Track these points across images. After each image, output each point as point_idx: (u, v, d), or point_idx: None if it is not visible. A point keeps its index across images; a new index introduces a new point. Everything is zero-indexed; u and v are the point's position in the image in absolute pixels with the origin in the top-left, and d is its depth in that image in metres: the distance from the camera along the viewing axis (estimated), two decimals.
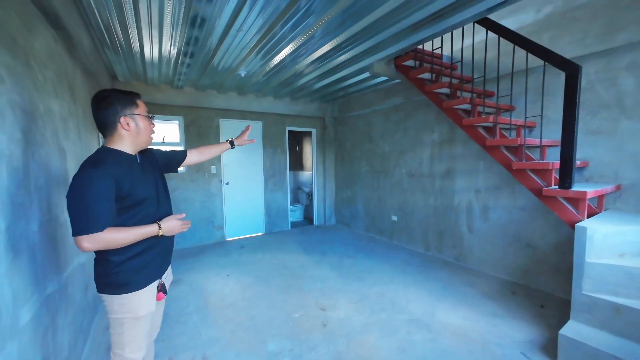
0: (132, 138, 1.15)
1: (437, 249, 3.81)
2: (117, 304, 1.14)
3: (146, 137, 1.20)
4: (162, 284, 1.27)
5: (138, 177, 1.15)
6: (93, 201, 0.99)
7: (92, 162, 1.05)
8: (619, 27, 2.23)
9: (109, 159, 1.07)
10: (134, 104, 1.15)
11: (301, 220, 6.24)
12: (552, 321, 2.24)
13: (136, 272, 1.15)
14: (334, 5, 1.95)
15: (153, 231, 1.14)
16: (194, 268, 3.52)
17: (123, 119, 1.11)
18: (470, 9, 2.08)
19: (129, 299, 1.14)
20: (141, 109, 1.17)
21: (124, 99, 1.12)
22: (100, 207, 1.00)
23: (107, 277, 1.12)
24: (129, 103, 1.13)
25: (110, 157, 1.09)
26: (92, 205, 0.99)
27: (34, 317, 1.28)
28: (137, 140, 1.17)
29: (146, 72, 3.41)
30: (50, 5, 1.57)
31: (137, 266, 1.15)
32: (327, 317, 2.39)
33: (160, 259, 1.26)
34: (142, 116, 1.16)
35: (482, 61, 2.84)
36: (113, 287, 1.13)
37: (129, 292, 1.14)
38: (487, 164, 3.17)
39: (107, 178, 1.02)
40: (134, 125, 1.14)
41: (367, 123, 4.86)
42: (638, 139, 2.23)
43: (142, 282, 1.18)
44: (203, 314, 2.47)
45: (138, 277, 1.16)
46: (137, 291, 1.15)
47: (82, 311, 2.02)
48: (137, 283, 1.16)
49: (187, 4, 1.94)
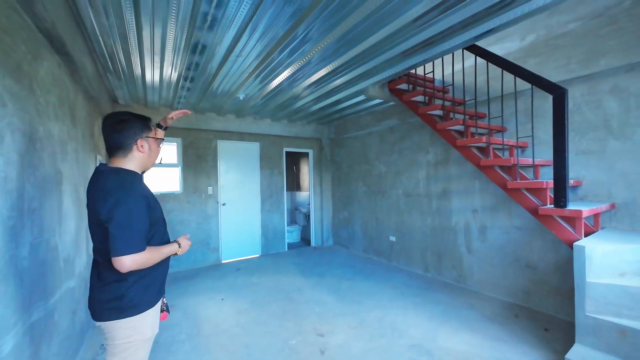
0: (144, 160, 1.20)
1: (437, 271, 3.75)
2: (126, 327, 1.10)
3: (155, 159, 1.27)
4: (166, 303, 1.28)
5: (153, 197, 1.19)
6: (136, 222, 1.04)
7: (124, 182, 1.08)
8: (599, 54, 2.36)
9: (136, 180, 1.13)
10: (149, 127, 1.21)
11: (298, 242, 6.14)
12: (557, 345, 2.17)
13: (146, 291, 1.14)
14: (330, 33, 2.05)
15: (174, 250, 1.20)
16: (188, 292, 3.41)
17: (140, 141, 1.15)
18: (459, 37, 2.20)
19: (139, 321, 1.12)
20: (153, 133, 1.24)
21: (140, 122, 1.18)
22: (142, 227, 1.06)
23: (118, 300, 1.09)
24: (145, 127, 1.19)
25: (136, 178, 1.15)
26: (135, 226, 1.03)
27: (15, 347, 1.21)
28: (146, 161, 1.22)
29: (147, 96, 3.49)
30: (56, 33, 1.63)
31: (147, 285, 1.15)
32: (325, 344, 2.30)
33: (163, 277, 1.26)
34: (154, 139, 1.23)
35: (472, 85, 2.96)
36: (123, 310, 1.09)
37: (140, 313, 1.12)
38: (482, 183, 3.20)
39: (143, 198, 1.09)
40: (147, 148, 1.19)
41: (363, 144, 4.94)
42: (627, 158, 2.28)
43: (151, 300, 1.17)
44: (195, 342, 2.36)
45: (148, 296, 1.15)
46: (146, 311, 1.14)
47: (68, 339, 1.92)
48: (147, 302, 1.15)
49: (188, 32, 2.03)
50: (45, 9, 1.41)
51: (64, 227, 1.95)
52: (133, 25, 1.92)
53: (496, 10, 1.88)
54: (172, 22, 1.90)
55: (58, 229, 1.84)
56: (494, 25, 2.03)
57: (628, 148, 2.27)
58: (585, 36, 2.43)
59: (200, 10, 1.78)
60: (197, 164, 4.53)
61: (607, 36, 2.31)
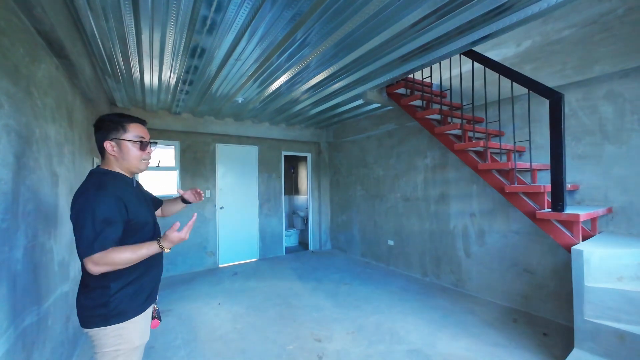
0: (119, 162, 1.14)
1: (435, 275, 3.73)
2: (113, 335, 1.06)
3: (133, 162, 1.16)
4: (157, 310, 1.24)
5: (137, 201, 1.16)
6: (97, 222, 0.99)
7: (97, 184, 1.06)
8: (594, 60, 2.39)
9: (110, 181, 1.09)
10: (122, 128, 1.12)
11: (296, 246, 6.11)
12: (556, 350, 2.15)
13: (133, 298, 1.11)
14: (328, 38, 2.07)
15: (154, 250, 1.09)
16: (184, 297, 3.37)
17: (107, 143, 1.11)
18: (456, 42, 2.22)
19: (126, 328, 1.08)
20: (129, 135, 1.13)
21: (112, 124, 1.12)
22: (105, 227, 1.00)
23: (103, 307, 1.05)
24: (116, 128, 1.12)
25: (110, 178, 1.10)
26: (94, 226, 0.99)
27: (6, 353, 1.19)
28: (123, 164, 1.15)
29: (145, 99, 3.48)
30: (55, 36, 1.63)
31: (134, 292, 1.11)
32: (322, 349, 2.27)
33: (154, 284, 1.23)
34: (127, 141, 1.13)
35: (470, 89, 2.98)
36: (109, 318, 1.06)
37: (126, 321, 1.08)
38: (480, 187, 3.21)
39: (113, 199, 1.04)
40: (117, 150, 1.13)
41: (362, 148, 4.95)
42: (623, 163, 2.30)
43: (139, 308, 1.13)
44: (191, 347, 2.33)
45: (135, 304, 1.12)
46: (134, 318, 1.10)
47: (61, 345, 1.89)
48: (134, 310, 1.11)
49: (188, 35, 2.04)
50: (44, 11, 1.42)
51: (59, 230, 1.92)
52: (132, 28, 1.92)
53: (492, 16, 1.90)
54: (172, 26, 1.90)
55: (53, 232, 1.82)
56: (490, 32, 2.06)
57: (624, 153, 2.29)
58: (579, 42, 2.46)
59: (200, 14, 1.79)
60: (195, 168, 4.51)
61: (601, 43, 2.34)
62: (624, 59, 2.24)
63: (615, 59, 2.28)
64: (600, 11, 2.34)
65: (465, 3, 1.74)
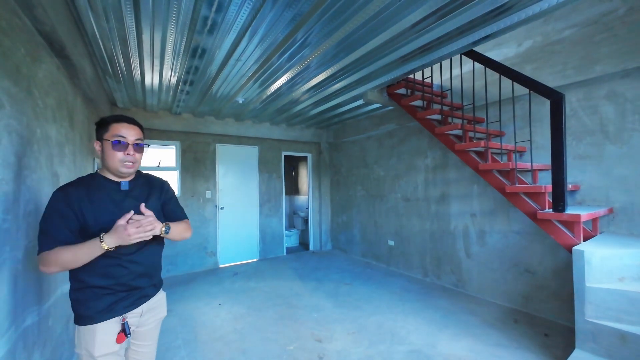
0: (104, 162, 1.12)
1: (436, 275, 3.73)
2: (77, 336, 1.07)
3: (112, 163, 1.09)
4: (124, 322, 1.10)
5: (105, 207, 1.07)
6: (47, 220, 1.00)
7: (65, 184, 1.08)
8: (594, 60, 2.39)
9: (81, 183, 1.09)
10: (105, 128, 1.09)
11: (297, 246, 6.11)
12: (557, 351, 2.15)
13: (90, 303, 1.05)
14: (329, 39, 2.07)
15: (95, 245, 0.97)
16: (185, 297, 3.37)
17: (95, 144, 1.12)
18: (456, 43, 2.22)
19: (84, 334, 1.05)
20: (108, 134, 1.08)
21: (99, 125, 1.11)
22: (51, 225, 0.99)
23: (71, 301, 1.08)
24: (103, 128, 1.10)
25: (83, 181, 1.10)
26: (45, 225, 0.99)
27: (8, 353, 1.19)
28: (107, 164, 1.11)
29: (146, 99, 3.49)
30: (56, 36, 1.63)
31: (88, 298, 1.05)
32: (323, 350, 2.27)
33: (124, 292, 1.11)
34: (106, 141, 1.08)
35: (470, 89, 2.98)
36: (75, 316, 1.07)
37: (83, 325, 1.06)
38: (480, 188, 3.20)
39: (65, 198, 1.02)
40: (100, 149, 1.11)
41: (362, 148, 4.95)
42: (624, 163, 2.29)
43: (97, 315, 1.05)
44: (191, 348, 2.33)
45: (93, 309, 1.05)
46: (90, 325, 1.05)
47: (61, 346, 1.89)
48: (90, 317, 1.05)
49: (188, 36, 2.04)
50: (45, 12, 1.42)
51: None
52: (133, 28, 1.92)
53: (493, 17, 1.90)
54: (172, 26, 1.91)
55: None
56: (491, 32, 2.06)
57: (625, 153, 2.28)
58: (580, 43, 2.46)
59: (201, 14, 1.79)
60: (195, 168, 4.51)
61: (602, 43, 2.34)
62: (625, 59, 2.24)
63: (616, 59, 2.28)
64: (601, 11, 2.34)
65: (465, 3, 1.74)
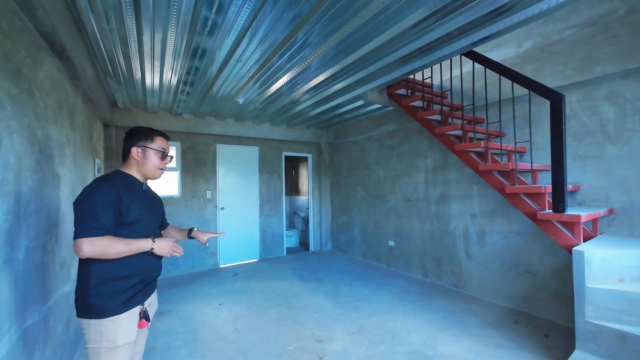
0: (139, 166, 1.29)
1: (436, 276, 3.73)
2: (95, 331, 1.08)
3: (150, 168, 1.31)
4: (145, 310, 1.22)
5: (138, 200, 1.23)
6: (97, 208, 1.07)
7: (103, 177, 1.19)
8: (594, 61, 2.39)
9: (118, 177, 1.23)
10: (150, 139, 1.30)
11: (297, 246, 6.11)
12: (557, 352, 2.15)
13: (113, 297, 1.11)
14: (329, 39, 2.07)
15: (146, 247, 1.17)
16: (185, 298, 3.37)
17: (134, 149, 1.27)
18: (456, 43, 2.22)
19: (106, 326, 1.09)
20: (154, 145, 1.31)
21: (144, 134, 1.30)
22: (103, 214, 1.08)
23: (87, 298, 1.08)
24: (144, 137, 1.29)
25: (120, 176, 1.24)
26: (96, 212, 1.06)
27: (9, 353, 1.19)
28: (142, 168, 1.30)
29: (146, 100, 3.49)
30: (57, 37, 1.64)
31: (118, 289, 1.12)
32: (323, 350, 2.27)
33: (143, 285, 1.23)
34: (152, 150, 1.30)
35: (470, 90, 2.98)
36: (91, 311, 1.08)
37: (106, 317, 1.09)
38: (480, 188, 3.20)
39: (112, 190, 1.13)
40: (141, 155, 1.28)
41: (362, 149, 4.95)
42: (624, 164, 2.29)
43: (121, 307, 1.13)
44: (192, 348, 2.33)
45: (117, 302, 1.12)
46: (114, 316, 1.10)
47: (62, 346, 1.89)
48: (115, 308, 1.11)
49: (189, 37, 2.05)
50: (46, 13, 1.42)
51: (60, 230, 1.93)
52: (134, 29, 1.93)
53: (493, 17, 1.90)
54: (173, 27, 1.91)
55: (55, 232, 1.82)
56: (491, 32, 2.06)
57: (625, 153, 2.28)
58: (580, 43, 2.46)
59: (201, 15, 1.79)
60: (195, 168, 4.52)
61: (602, 43, 2.34)
62: (625, 60, 2.24)
63: (616, 59, 2.28)
64: (601, 12, 2.34)
65: (465, 4, 1.74)
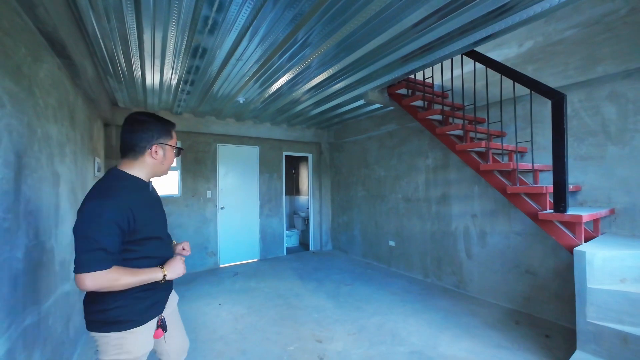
0: (155, 167, 1.13)
1: (436, 276, 3.72)
2: (113, 344, 1.02)
3: (167, 167, 1.18)
4: (162, 319, 1.16)
5: (149, 210, 1.10)
6: (103, 236, 0.91)
7: (106, 190, 0.98)
8: (596, 60, 2.38)
9: (123, 188, 1.02)
10: (169, 134, 1.14)
11: (297, 246, 6.11)
12: (558, 353, 2.14)
13: (133, 309, 1.05)
14: (329, 39, 2.06)
15: (157, 277, 1.06)
16: (185, 297, 3.37)
17: (155, 147, 1.09)
18: (457, 43, 2.21)
19: (127, 338, 1.04)
20: (173, 141, 1.17)
21: (161, 126, 1.11)
22: (109, 242, 0.93)
23: (101, 313, 1.01)
24: (164, 132, 1.12)
25: (124, 183, 1.04)
26: (100, 240, 0.91)
27: (8, 352, 1.19)
28: (158, 169, 1.15)
29: (146, 99, 3.49)
30: (57, 36, 1.63)
31: (134, 302, 1.06)
32: (323, 350, 2.26)
33: (159, 296, 1.16)
34: (171, 147, 1.16)
35: (471, 90, 2.97)
36: (108, 325, 1.02)
37: (127, 330, 1.04)
38: (481, 188, 3.19)
39: (121, 210, 0.96)
40: (161, 155, 1.12)
41: (363, 149, 4.95)
42: (626, 164, 2.28)
43: (140, 318, 1.07)
44: (192, 347, 2.32)
45: (135, 314, 1.06)
46: (134, 329, 1.05)
47: (61, 345, 1.89)
48: (135, 320, 1.06)
49: (189, 36, 2.04)
50: (47, 11, 1.42)
51: (60, 230, 1.93)
52: (134, 28, 1.93)
53: (494, 17, 1.89)
54: (173, 26, 1.90)
55: (54, 231, 1.82)
56: (492, 32, 2.05)
57: (627, 153, 2.27)
58: (582, 43, 2.45)
59: (201, 14, 1.79)
60: (196, 168, 4.52)
61: (604, 43, 2.33)
62: (627, 60, 2.23)
63: (618, 59, 2.27)
64: (602, 11, 2.33)
65: (467, 3, 1.73)
